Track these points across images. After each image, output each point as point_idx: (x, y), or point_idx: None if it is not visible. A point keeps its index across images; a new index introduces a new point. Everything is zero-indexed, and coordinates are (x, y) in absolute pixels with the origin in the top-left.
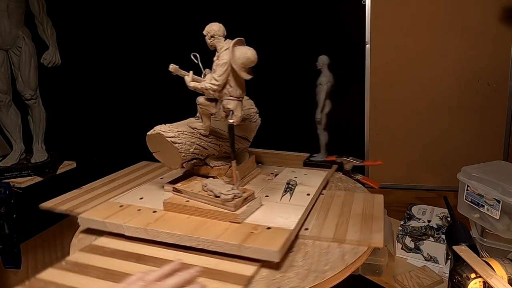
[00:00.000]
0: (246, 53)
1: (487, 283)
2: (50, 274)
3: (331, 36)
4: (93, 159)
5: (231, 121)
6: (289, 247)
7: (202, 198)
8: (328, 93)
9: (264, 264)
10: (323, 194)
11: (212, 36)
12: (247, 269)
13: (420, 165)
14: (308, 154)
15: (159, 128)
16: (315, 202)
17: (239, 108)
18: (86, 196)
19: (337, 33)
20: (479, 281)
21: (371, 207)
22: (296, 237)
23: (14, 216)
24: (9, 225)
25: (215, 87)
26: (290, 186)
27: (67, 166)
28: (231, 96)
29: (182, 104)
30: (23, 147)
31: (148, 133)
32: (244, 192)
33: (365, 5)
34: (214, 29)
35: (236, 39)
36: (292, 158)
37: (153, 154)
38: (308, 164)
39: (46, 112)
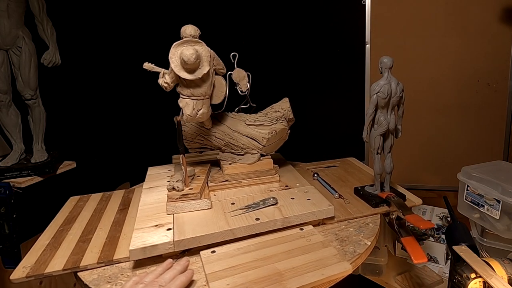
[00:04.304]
0: (182, 53)
1: (487, 283)
2: None
3: (331, 36)
4: (93, 159)
5: (179, 118)
6: None
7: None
8: (380, 106)
9: None
10: (302, 229)
11: (181, 37)
12: None
13: (420, 165)
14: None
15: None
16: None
17: (188, 107)
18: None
19: (337, 33)
20: (479, 281)
21: None
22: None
23: (14, 216)
24: (9, 225)
25: (165, 85)
26: (258, 204)
27: (67, 166)
28: (182, 94)
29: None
30: (23, 147)
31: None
32: (190, 189)
33: (365, 5)
34: (182, 30)
35: (185, 39)
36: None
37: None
38: (358, 192)
39: (46, 112)
